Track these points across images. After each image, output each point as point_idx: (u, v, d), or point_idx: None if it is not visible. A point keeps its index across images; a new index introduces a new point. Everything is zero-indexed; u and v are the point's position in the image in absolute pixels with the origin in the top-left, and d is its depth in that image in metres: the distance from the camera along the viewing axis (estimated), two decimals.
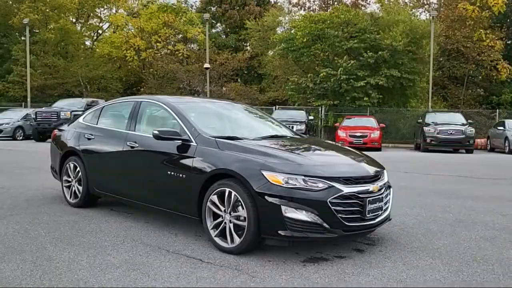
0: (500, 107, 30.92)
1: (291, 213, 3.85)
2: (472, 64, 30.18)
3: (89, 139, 5.84)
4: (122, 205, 6.06)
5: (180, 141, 4.66)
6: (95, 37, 45.13)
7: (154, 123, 5.33)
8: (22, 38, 37.53)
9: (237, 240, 4.09)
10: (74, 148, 6.01)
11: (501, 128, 19.48)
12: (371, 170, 4.41)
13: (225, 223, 4.20)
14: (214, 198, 4.27)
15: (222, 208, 4.22)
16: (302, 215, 3.86)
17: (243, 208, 4.05)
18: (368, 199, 4.14)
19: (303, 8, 35.64)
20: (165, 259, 4.00)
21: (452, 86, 31.66)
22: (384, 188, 4.44)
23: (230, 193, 4.13)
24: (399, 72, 23.32)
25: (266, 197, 3.91)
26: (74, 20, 41.65)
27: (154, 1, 41.56)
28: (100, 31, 45.05)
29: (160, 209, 4.93)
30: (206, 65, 28.25)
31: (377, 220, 4.29)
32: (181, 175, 4.57)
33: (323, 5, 35.26)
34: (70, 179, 6.09)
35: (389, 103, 24.88)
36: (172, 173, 4.65)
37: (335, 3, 35.24)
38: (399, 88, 24.23)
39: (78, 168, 5.92)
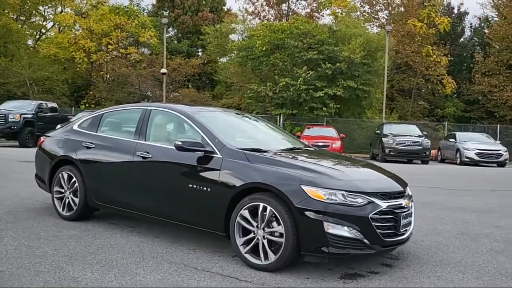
0: (444, 119, 32.62)
1: (333, 229, 3.77)
2: (420, 78, 31.63)
3: (88, 147, 5.47)
4: (120, 218, 5.74)
5: (202, 152, 4.46)
6: (37, 36, 42.99)
7: (169, 133, 5.08)
8: None
9: (272, 257, 3.94)
10: (69, 157, 5.60)
11: (453, 140, 20.48)
12: (400, 184, 4.42)
13: (258, 239, 4.04)
14: (245, 213, 4.10)
15: (254, 224, 4.06)
16: (344, 231, 3.79)
17: (279, 224, 3.92)
18: (402, 214, 4.14)
19: (258, 17, 35.87)
20: (199, 278, 3.79)
21: (401, 99, 33.00)
22: (411, 202, 4.46)
23: (264, 208, 3.99)
24: (355, 83, 23.97)
25: (307, 212, 3.80)
26: (15, 17, 39.43)
27: (104, 1, 40.32)
28: (43, 30, 42.98)
29: (177, 223, 4.68)
30: (163, 70, 27.67)
31: (406, 235, 4.30)
32: (205, 188, 4.36)
33: (279, 15, 35.67)
34: (63, 190, 5.67)
35: (345, 113, 25.50)
36: (194, 186, 4.43)
37: (290, 13, 35.76)
38: (355, 99, 24.91)
39: (74, 179, 5.52)
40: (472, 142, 19.54)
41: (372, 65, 25.05)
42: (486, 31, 34.57)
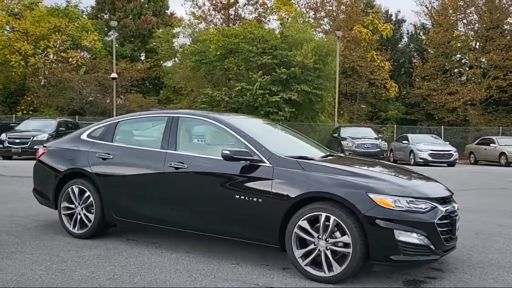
0: (387, 122, 33.99)
1: (404, 236, 3.72)
2: (365, 82, 32.74)
3: (104, 159, 5.05)
4: (136, 233, 5.41)
5: (248, 161, 4.25)
6: None
7: (204, 142, 4.81)
8: None
9: (338, 268, 3.81)
10: (81, 170, 5.15)
11: (405, 142, 21.30)
12: (448, 189, 4.46)
13: (319, 250, 3.90)
14: (304, 223, 3.95)
15: (315, 234, 3.91)
16: (414, 238, 3.74)
17: (343, 234, 3.80)
18: (456, 217, 4.17)
19: (205, 21, 35.54)
20: None
21: (347, 102, 33.97)
22: None
23: (327, 217, 3.85)
24: (308, 87, 24.35)
25: (377, 221, 3.72)
26: None
27: (38, 2, 38.13)
28: None
29: (221, 237, 4.42)
30: (113, 75, 26.63)
31: (457, 238, 4.34)
32: (255, 199, 4.16)
33: (226, 20, 35.55)
34: (73, 206, 5.21)
35: (299, 117, 25.82)
36: (242, 197, 4.21)
37: (237, 18, 35.77)
38: (308, 103, 25.28)
39: (88, 193, 5.09)
40: (425, 143, 20.44)
41: (323, 69, 25.55)
42: (423, 37, 36.42)
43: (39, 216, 6.33)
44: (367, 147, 19.25)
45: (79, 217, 5.17)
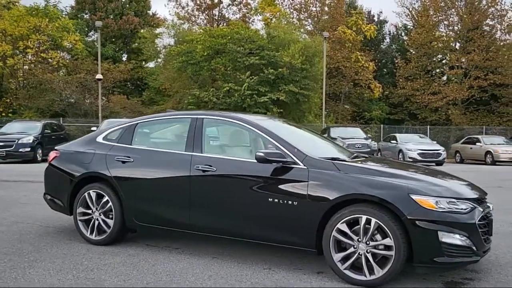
0: (371, 121, 34.28)
1: (447, 238, 3.67)
2: (350, 83, 32.94)
3: (124, 162, 4.88)
4: (155, 238, 5.24)
5: (280, 163, 4.15)
6: None
7: (233, 144, 4.67)
8: None
9: (380, 271, 3.74)
10: (99, 174, 4.97)
11: (394, 141, 21.47)
12: (482, 189, 4.43)
13: (359, 253, 3.82)
14: (343, 226, 3.86)
15: (355, 238, 3.83)
16: (457, 240, 3.70)
17: (385, 236, 3.74)
18: (492, 218, 4.15)
19: (189, 22, 35.23)
20: None
21: (332, 103, 34.12)
22: None
23: (368, 220, 3.78)
24: (296, 88, 24.36)
25: (420, 223, 3.66)
26: None
27: (15, 1, 37.20)
28: None
29: (253, 241, 4.31)
30: (99, 75, 26.14)
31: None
32: (290, 202, 4.05)
33: (210, 20, 35.32)
34: (90, 211, 5.02)
35: (287, 118, 25.79)
36: (276, 200, 4.10)
37: (220, 19, 35.59)
38: (295, 103, 25.29)
39: (106, 198, 4.91)
40: (413, 143, 20.64)
41: (310, 70, 25.59)
42: (406, 38, 36.84)
43: (47, 222, 6.11)
44: (358, 147, 19.30)
45: (96, 222, 4.98)
